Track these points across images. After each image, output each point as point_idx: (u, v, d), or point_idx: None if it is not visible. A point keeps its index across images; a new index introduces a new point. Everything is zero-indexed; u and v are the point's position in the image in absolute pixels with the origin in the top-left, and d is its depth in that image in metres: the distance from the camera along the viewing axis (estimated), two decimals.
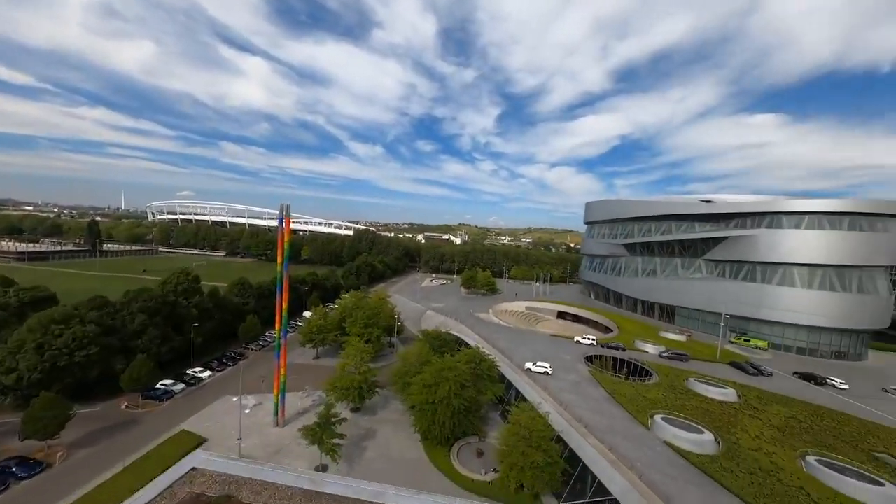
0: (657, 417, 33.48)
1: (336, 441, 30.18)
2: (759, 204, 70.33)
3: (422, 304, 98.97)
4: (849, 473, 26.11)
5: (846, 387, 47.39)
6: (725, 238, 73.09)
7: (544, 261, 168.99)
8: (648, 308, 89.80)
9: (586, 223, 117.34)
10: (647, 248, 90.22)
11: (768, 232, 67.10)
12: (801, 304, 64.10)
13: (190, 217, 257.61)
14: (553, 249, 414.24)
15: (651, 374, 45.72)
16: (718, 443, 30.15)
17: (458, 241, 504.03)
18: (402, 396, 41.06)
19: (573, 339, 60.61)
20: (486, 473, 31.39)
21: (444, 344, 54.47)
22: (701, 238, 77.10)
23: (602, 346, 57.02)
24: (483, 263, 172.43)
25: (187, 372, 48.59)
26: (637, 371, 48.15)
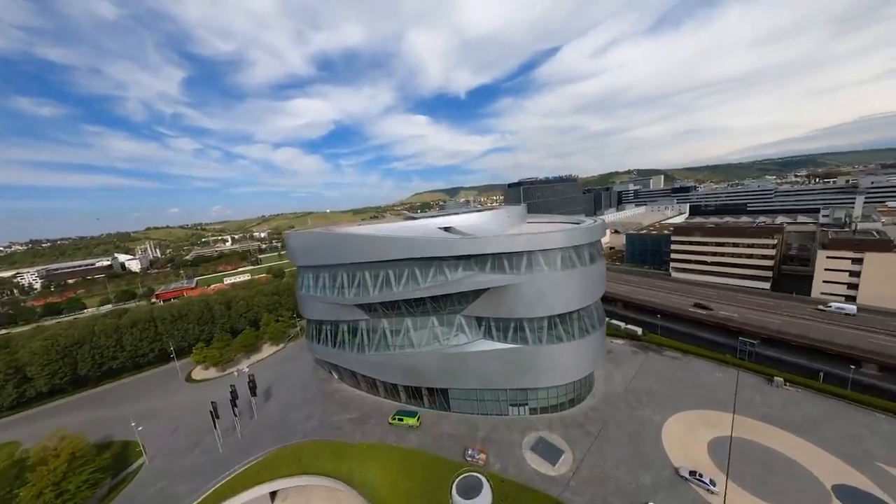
0: None
1: None
2: (513, 242, 47.19)
3: None
4: None
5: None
6: (486, 289, 47.55)
7: (261, 304, 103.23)
8: (415, 392, 56.48)
9: (298, 267, 66.58)
10: (392, 306, 53.80)
11: (529, 278, 45.87)
12: (569, 358, 49.41)
13: None
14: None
15: None
16: None
17: (134, 264, 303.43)
18: None
19: None
20: None
21: None
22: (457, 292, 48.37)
23: None
24: (132, 351, 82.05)
25: None
26: None
